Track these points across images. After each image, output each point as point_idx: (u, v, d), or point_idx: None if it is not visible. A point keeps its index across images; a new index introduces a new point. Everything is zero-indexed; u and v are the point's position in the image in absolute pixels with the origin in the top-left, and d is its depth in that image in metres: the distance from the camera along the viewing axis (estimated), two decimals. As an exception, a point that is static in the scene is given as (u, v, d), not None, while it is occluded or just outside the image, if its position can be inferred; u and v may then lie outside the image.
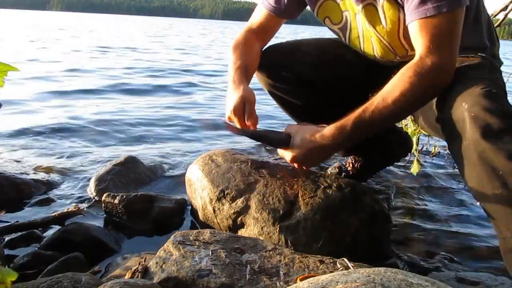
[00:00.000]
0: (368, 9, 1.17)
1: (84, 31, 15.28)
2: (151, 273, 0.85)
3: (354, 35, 1.29)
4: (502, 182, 0.83)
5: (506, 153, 0.83)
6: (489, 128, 0.84)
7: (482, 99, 0.88)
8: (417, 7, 1.00)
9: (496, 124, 0.84)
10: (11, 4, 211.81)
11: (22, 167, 1.73)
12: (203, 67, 6.19)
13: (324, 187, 1.17)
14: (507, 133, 0.84)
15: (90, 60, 6.02)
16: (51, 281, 0.80)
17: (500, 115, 0.85)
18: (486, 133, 0.84)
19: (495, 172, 0.84)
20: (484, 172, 0.86)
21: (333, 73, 1.38)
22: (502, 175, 0.83)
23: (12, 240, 1.18)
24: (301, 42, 1.47)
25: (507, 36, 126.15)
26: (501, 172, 0.83)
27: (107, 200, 1.34)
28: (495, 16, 2.17)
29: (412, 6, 1.01)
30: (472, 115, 0.87)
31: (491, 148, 0.84)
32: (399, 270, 0.67)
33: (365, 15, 1.18)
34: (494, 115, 0.85)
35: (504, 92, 1.09)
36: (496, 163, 0.84)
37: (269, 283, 0.81)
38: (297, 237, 1.09)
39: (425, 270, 1.16)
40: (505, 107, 0.88)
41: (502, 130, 0.84)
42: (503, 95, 1.00)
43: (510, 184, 0.83)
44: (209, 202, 1.20)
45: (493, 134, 0.84)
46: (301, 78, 1.38)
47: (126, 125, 2.60)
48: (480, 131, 0.85)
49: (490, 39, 1.24)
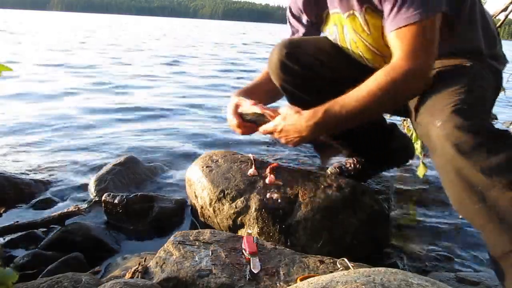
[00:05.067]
0: (352, 18, 1.22)
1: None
2: (151, 273, 0.85)
3: (344, 45, 1.33)
4: (480, 197, 0.86)
5: (481, 168, 0.85)
6: (462, 146, 0.86)
7: (454, 117, 0.89)
8: (394, 16, 1.05)
9: (468, 141, 0.86)
10: (11, 4, 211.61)
11: (22, 167, 1.73)
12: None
13: (324, 187, 1.17)
14: (479, 149, 0.86)
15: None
16: (51, 281, 0.80)
17: (472, 131, 0.87)
18: (460, 151, 0.86)
19: (473, 188, 0.86)
20: (462, 188, 0.88)
21: (340, 69, 1.40)
22: (480, 191, 0.86)
23: (12, 240, 1.18)
24: (313, 38, 1.48)
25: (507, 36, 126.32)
26: (479, 188, 0.86)
27: (107, 200, 1.34)
28: (495, 16, 2.17)
29: (391, 16, 1.06)
30: (445, 133, 0.89)
31: (466, 165, 0.86)
32: (399, 270, 0.67)
33: (351, 24, 1.23)
34: (466, 132, 0.87)
35: (482, 102, 1.05)
36: (473, 179, 0.86)
37: (269, 283, 0.81)
38: (297, 237, 1.09)
39: (425, 270, 1.16)
40: (477, 123, 0.90)
41: (475, 147, 0.86)
42: (478, 107, 0.98)
43: (488, 199, 0.85)
44: (209, 202, 1.20)
45: (467, 151, 0.86)
46: (312, 71, 1.39)
47: (126, 124, 2.60)
48: (455, 149, 0.87)
49: (488, 41, 1.22)
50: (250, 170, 1.22)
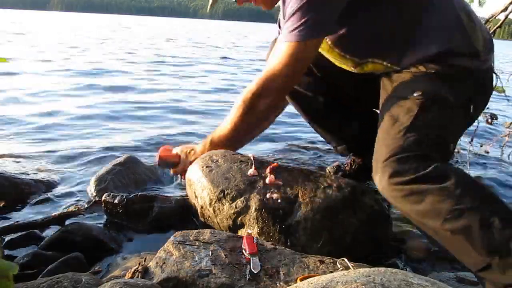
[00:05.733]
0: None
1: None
2: (151, 273, 0.85)
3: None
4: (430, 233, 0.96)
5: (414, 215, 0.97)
6: (396, 198, 0.98)
7: (387, 170, 0.98)
8: (283, 33, 1.19)
9: (398, 195, 0.97)
10: (11, 4, 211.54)
11: (22, 167, 1.73)
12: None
13: (324, 187, 1.17)
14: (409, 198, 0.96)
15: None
16: (51, 281, 0.80)
17: (403, 182, 0.95)
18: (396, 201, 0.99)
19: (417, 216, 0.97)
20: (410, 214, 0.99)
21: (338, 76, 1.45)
22: (425, 228, 0.97)
23: (12, 240, 1.18)
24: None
25: (507, 36, 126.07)
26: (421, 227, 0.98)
27: (107, 200, 1.34)
28: (495, 17, 2.17)
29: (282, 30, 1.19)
30: (382, 187, 1.00)
31: (403, 211, 0.99)
32: (399, 270, 0.67)
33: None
34: (398, 184, 0.96)
35: (428, 128, 1.05)
36: (414, 222, 1.00)
37: (269, 283, 0.81)
38: (297, 237, 1.09)
39: (425, 270, 1.16)
40: (409, 171, 0.96)
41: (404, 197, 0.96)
42: (420, 142, 1.01)
43: (435, 235, 0.95)
44: (209, 202, 1.20)
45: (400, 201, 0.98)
46: (316, 79, 1.53)
47: (126, 124, 2.60)
48: (391, 200, 1.00)
49: (460, 39, 1.15)
50: (250, 170, 1.22)
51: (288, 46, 1.16)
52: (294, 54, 1.16)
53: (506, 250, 0.85)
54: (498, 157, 2.39)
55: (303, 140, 2.47)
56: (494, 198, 0.95)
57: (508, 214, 0.90)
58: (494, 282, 0.88)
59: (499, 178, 2.01)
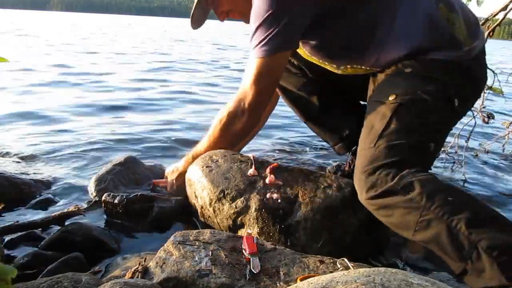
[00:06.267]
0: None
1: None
2: (151, 273, 0.85)
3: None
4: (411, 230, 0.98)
5: (388, 226, 1.01)
6: (373, 212, 1.02)
7: (366, 177, 1.02)
8: (252, 48, 1.19)
9: (374, 209, 1.02)
10: (11, 4, 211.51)
11: (22, 167, 1.73)
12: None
13: (324, 187, 1.17)
14: (381, 212, 1.00)
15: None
16: (51, 281, 0.80)
17: (374, 196, 0.99)
18: (373, 213, 1.03)
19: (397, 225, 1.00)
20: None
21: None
22: (397, 232, 1.01)
23: (12, 240, 1.18)
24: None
25: (507, 36, 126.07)
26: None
27: (107, 200, 1.34)
28: (495, 15, 2.16)
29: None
30: (363, 201, 1.04)
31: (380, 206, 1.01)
32: (399, 270, 0.67)
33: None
34: (371, 199, 1.00)
35: (401, 134, 1.05)
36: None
37: (269, 283, 0.81)
38: (297, 237, 1.09)
39: (425, 270, 1.16)
40: (380, 178, 0.99)
41: (376, 210, 1.01)
42: (392, 149, 1.03)
43: (404, 234, 0.99)
44: (209, 202, 1.20)
45: (376, 214, 1.02)
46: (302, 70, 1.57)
47: (126, 125, 2.60)
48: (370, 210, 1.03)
49: (436, 33, 1.14)
50: (250, 170, 1.22)
51: (256, 62, 1.18)
52: (261, 69, 1.19)
53: (476, 254, 0.86)
54: (498, 157, 2.39)
55: (302, 140, 2.47)
56: (460, 201, 0.94)
57: (475, 215, 0.90)
58: (473, 285, 0.89)
59: (499, 178, 2.01)
